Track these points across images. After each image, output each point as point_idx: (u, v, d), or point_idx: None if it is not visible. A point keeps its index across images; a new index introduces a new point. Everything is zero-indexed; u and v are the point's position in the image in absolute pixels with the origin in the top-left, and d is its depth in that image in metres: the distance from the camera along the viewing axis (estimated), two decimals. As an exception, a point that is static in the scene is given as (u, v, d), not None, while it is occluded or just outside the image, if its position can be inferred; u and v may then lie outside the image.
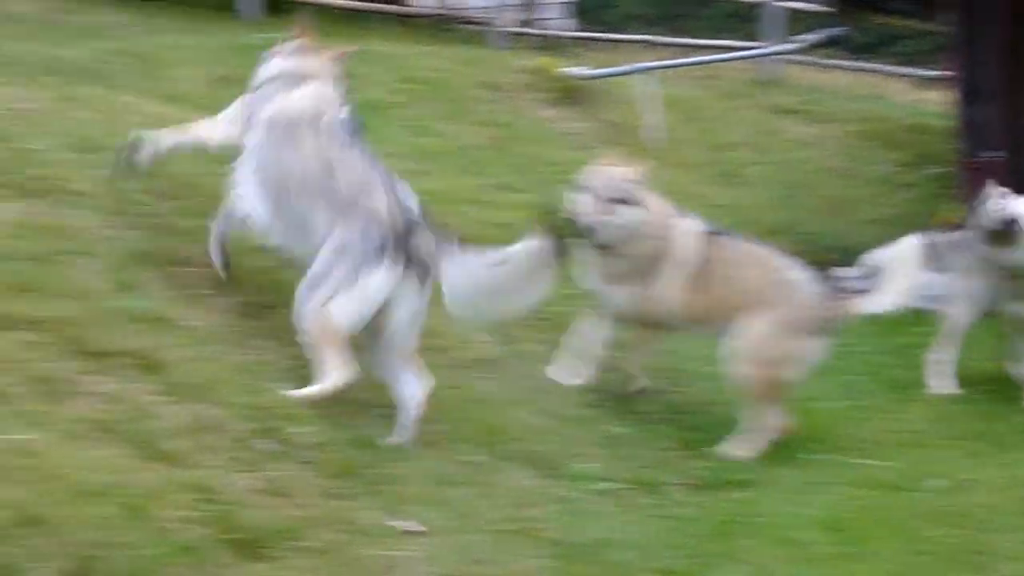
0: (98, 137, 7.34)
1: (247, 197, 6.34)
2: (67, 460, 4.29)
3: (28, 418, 4.48)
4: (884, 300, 7.98)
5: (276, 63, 6.95)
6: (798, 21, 23.75)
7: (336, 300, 5.96)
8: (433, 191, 9.46)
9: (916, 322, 11.34)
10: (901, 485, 7.33)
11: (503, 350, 7.77)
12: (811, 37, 16.51)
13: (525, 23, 26.02)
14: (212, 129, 6.93)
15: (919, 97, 23.02)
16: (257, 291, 6.58)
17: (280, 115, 6.51)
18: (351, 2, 21.87)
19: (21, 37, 10.59)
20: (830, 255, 13.45)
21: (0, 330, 5.00)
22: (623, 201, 7.68)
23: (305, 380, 5.94)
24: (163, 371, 5.22)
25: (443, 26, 22.39)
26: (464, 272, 6.32)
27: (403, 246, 6.14)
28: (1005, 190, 9.12)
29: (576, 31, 26.66)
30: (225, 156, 7.82)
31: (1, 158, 6.68)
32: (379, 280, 6.05)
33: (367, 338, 6.17)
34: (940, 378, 9.32)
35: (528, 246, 6.25)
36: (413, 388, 6.23)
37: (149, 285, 5.99)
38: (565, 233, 6.57)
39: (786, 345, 7.76)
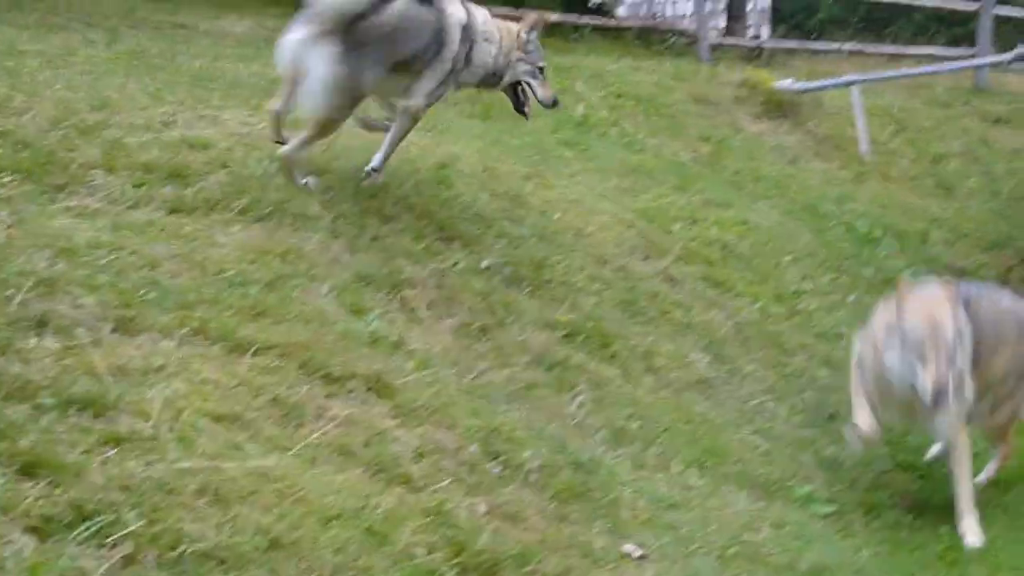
0: (322, 161, 7.44)
1: None
2: (308, 484, 4.36)
3: (268, 443, 4.57)
4: None
5: None
6: (1008, 25, 23.27)
7: None
8: (645, 209, 9.53)
9: None
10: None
11: (718, 370, 7.74)
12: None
13: (729, 32, 25.99)
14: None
15: None
16: (476, 313, 6.62)
17: None
18: (554, 16, 21.99)
19: (240, 58, 10.78)
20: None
21: (236, 355, 5.10)
22: None
23: (527, 400, 6.00)
24: (394, 394, 5.28)
25: (648, 38, 22.34)
26: None
27: None
28: None
29: (778, 38, 26.49)
30: (443, 178, 7.98)
31: (227, 183, 6.79)
32: None
33: None
34: None
35: None
36: None
37: (376, 308, 6.07)
38: None
39: None
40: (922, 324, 6.56)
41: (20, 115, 7.29)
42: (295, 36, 6.90)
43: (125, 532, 3.75)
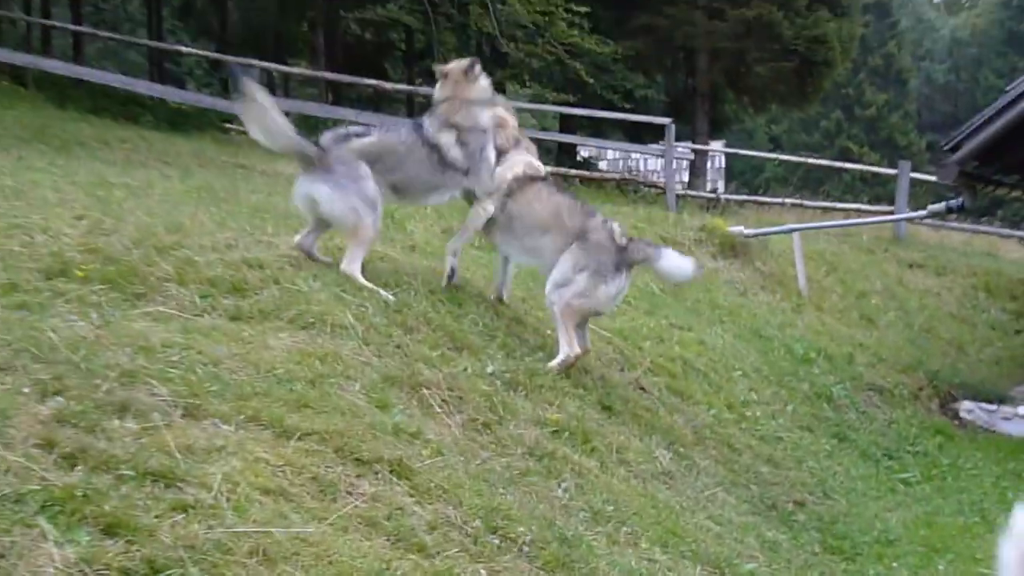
0: (355, 282, 7.51)
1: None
2: (340, 549, 4.36)
3: (308, 513, 4.57)
4: None
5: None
6: (921, 187, 23.56)
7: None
8: (621, 329, 9.59)
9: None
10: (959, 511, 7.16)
11: (679, 465, 7.75)
12: (937, 207, 16.42)
13: (691, 186, 26.27)
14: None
15: (1029, 254, 22.66)
16: (481, 411, 6.63)
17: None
18: (551, 167, 22.26)
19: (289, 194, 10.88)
20: (953, 390, 13.25)
21: (283, 439, 5.11)
22: None
23: (521, 484, 6.01)
24: (412, 476, 5.28)
25: (625, 188, 22.65)
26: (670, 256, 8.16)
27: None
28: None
29: (731, 192, 26.80)
30: (456, 298, 8.03)
31: (278, 297, 6.86)
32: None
33: None
34: None
35: None
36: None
37: (398, 404, 6.08)
38: None
39: None
40: None
41: (108, 235, 7.36)
42: None
43: (189, 585, 3.76)
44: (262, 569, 4.01)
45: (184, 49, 35.48)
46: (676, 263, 8.22)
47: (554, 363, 7.85)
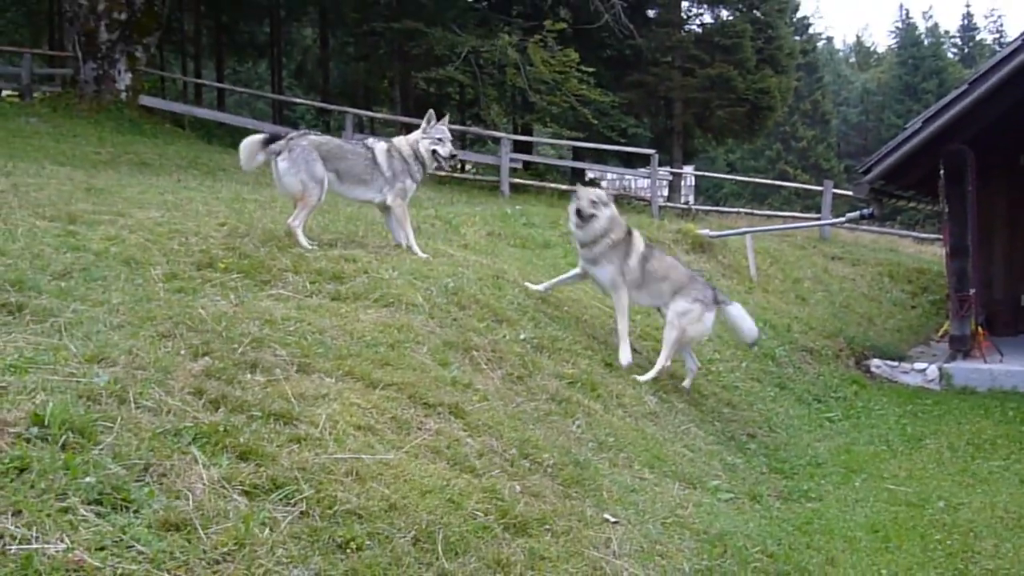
0: (424, 271, 7.48)
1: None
2: (412, 470, 4.34)
3: (388, 444, 4.55)
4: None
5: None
6: (841, 200, 23.34)
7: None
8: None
9: (926, 395, 10.98)
10: (916, 503, 7.06)
11: (662, 407, 7.68)
12: (853, 215, 16.38)
13: (670, 199, 26.15)
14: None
15: (920, 249, 22.50)
16: (515, 367, 6.59)
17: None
18: (564, 187, 22.14)
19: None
20: (865, 351, 13.10)
21: (371, 389, 5.09)
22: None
23: (546, 422, 5.95)
24: (465, 416, 5.25)
25: (619, 201, 22.48)
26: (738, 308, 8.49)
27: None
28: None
29: (699, 204, 26.71)
30: (497, 283, 7.96)
31: (368, 283, 6.85)
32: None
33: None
34: None
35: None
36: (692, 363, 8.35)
37: (454, 362, 6.05)
38: None
39: None
40: None
41: (242, 237, 7.36)
42: None
43: (301, 497, 3.73)
44: (355, 485, 3.98)
45: (297, 100, 35.68)
46: (741, 314, 8.59)
47: (649, 375, 7.88)
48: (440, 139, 8.23)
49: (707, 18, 35.69)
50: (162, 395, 4.11)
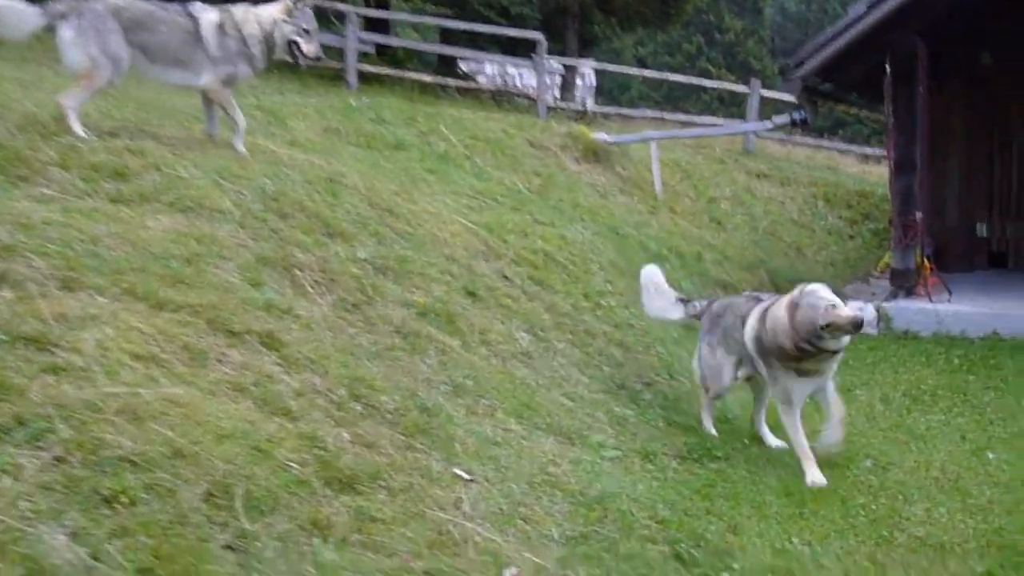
0: (236, 170, 7.36)
1: None
2: (207, 410, 4.32)
3: (177, 378, 4.51)
4: None
5: None
6: (770, 105, 23.84)
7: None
8: (488, 223, 9.52)
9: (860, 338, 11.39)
10: (838, 463, 7.32)
11: (537, 346, 7.77)
12: (781, 119, 16.59)
13: (562, 99, 26.27)
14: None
15: (863, 169, 23.14)
16: (351, 292, 6.58)
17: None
18: (428, 78, 22.01)
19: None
20: (789, 287, 13.51)
21: (157, 311, 5.03)
22: None
23: (387, 359, 5.97)
24: (281, 347, 5.24)
25: (500, 99, 22.54)
26: None
27: None
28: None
29: (598, 107, 26.83)
30: (332, 189, 7.90)
31: (159, 182, 6.72)
32: None
33: None
34: None
35: None
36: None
37: (270, 283, 6.01)
38: None
39: None
40: None
41: (-5, 121, 7.12)
42: None
43: (57, 439, 3.68)
44: (130, 426, 3.94)
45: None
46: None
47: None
48: (308, 31, 7.99)
49: None
50: None
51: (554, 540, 4.95)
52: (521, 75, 28.86)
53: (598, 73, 35.23)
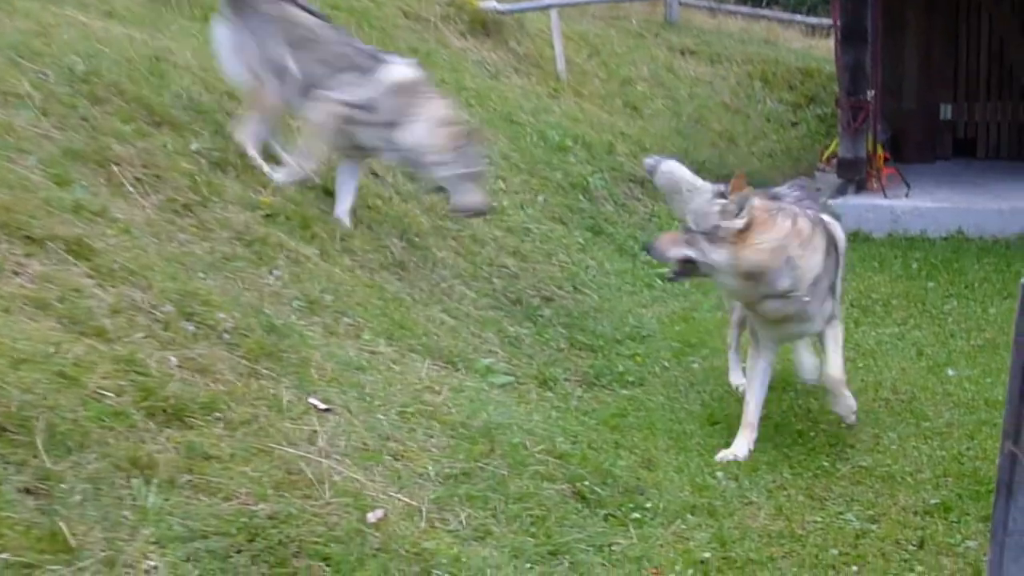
0: (37, 46, 7.22)
1: None
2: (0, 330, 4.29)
3: (-35, 292, 4.47)
4: None
5: None
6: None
7: None
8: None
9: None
10: (775, 386, 7.43)
11: (412, 256, 7.80)
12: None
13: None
14: None
15: (809, 44, 23.27)
16: (181, 191, 6.53)
17: None
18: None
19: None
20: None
21: (-68, 213, 4.97)
22: None
23: (225, 270, 5.96)
24: (93, 256, 5.19)
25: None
26: None
27: None
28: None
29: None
30: (158, 70, 7.80)
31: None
32: None
33: None
34: None
35: None
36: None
37: (80, 180, 5.95)
38: None
39: None
40: None
41: None
42: None
43: None
44: None
45: None
46: None
47: None
48: None
49: None
50: None
51: (430, 478, 5.02)
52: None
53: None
